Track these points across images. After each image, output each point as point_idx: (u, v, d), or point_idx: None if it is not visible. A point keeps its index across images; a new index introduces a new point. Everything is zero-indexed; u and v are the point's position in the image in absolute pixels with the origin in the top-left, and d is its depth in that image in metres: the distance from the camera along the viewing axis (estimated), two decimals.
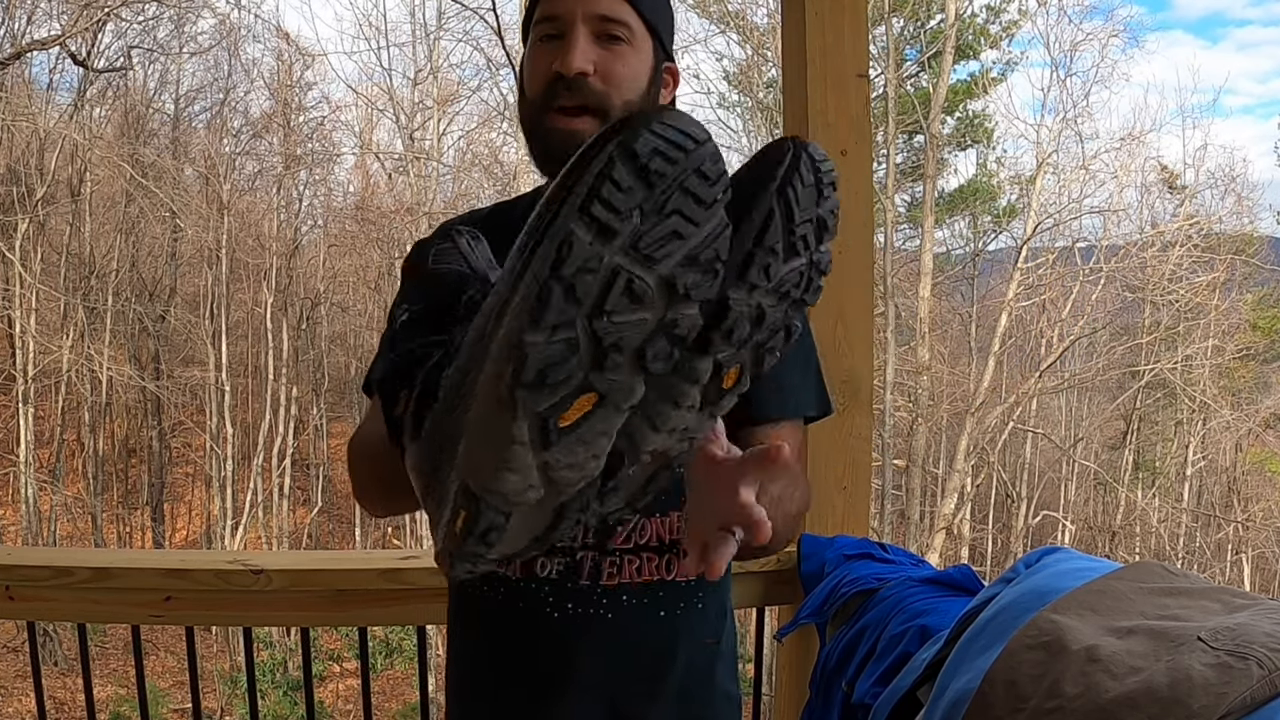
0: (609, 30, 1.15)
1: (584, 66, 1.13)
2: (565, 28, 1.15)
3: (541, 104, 1.15)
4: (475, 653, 1.25)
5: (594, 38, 1.15)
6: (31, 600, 1.73)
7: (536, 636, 1.18)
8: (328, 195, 18.68)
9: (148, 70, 16.99)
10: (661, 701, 1.20)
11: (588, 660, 1.17)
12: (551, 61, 1.14)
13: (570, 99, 1.13)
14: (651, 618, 1.18)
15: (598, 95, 1.14)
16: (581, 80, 1.13)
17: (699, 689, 1.23)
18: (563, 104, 1.14)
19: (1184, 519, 15.87)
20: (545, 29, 1.17)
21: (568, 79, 1.13)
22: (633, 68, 1.17)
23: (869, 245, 1.87)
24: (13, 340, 15.03)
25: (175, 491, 17.13)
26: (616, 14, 1.16)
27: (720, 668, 1.26)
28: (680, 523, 1.17)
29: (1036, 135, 14.73)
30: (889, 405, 13.14)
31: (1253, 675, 0.78)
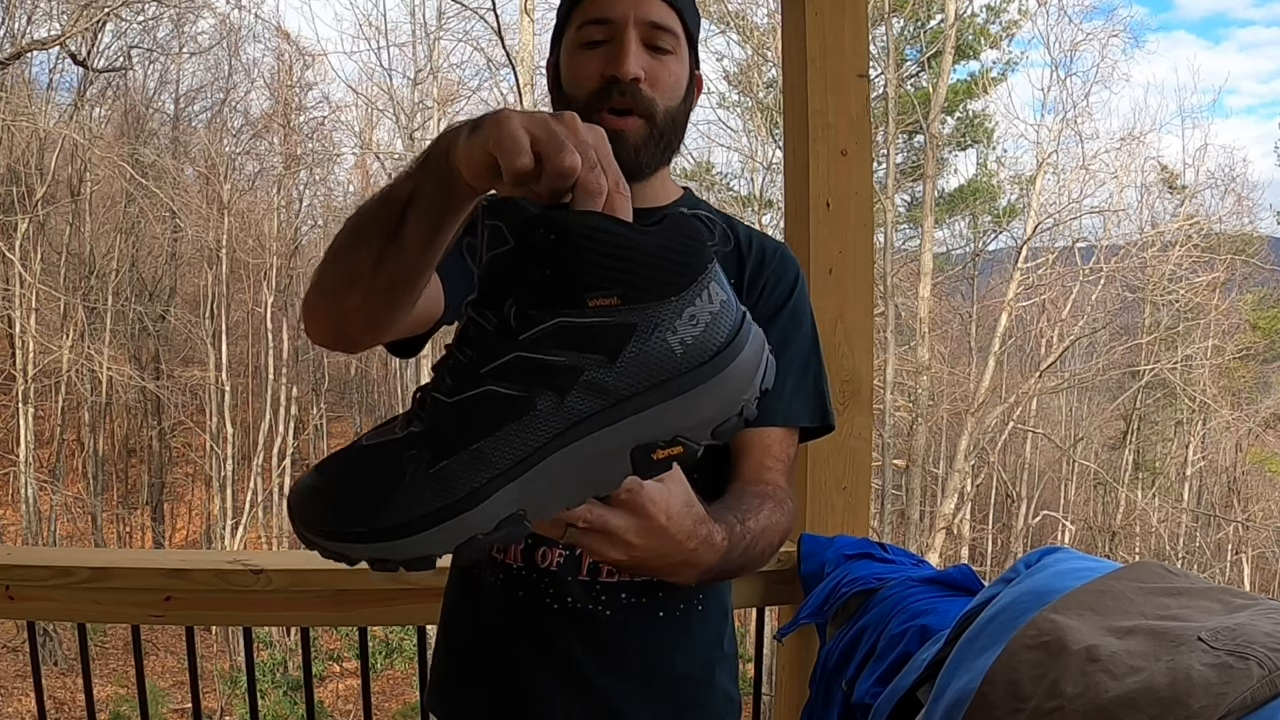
0: (657, 39, 1.17)
1: (638, 72, 1.14)
2: (617, 32, 1.16)
3: (591, 104, 1.16)
4: (471, 640, 1.25)
5: (643, 44, 1.16)
6: (31, 600, 1.73)
7: (535, 627, 1.18)
8: (328, 195, 18.70)
9: (148, 70, 17.02)
10: (659, 701, 1.20)
11: (585, 656, 1.17)
12: (603, 64, 1.15)
13: (622, 102, 1.15)
14: (651, 617, 1.18)
15: (647, 101, 1.16)
16: (635, 85, 1.15)
17: (698, 690, 1.23)
18: (614, 105, 1.15)
19: (1184, 519, 15.87)
20: (593, 32, 1.17)
21: (622, 83, 1.14)
22: (676, 76, 1.19)
23: (869, 245, 1.87)
24: (13, 340, 15.03)
25: (175, 491, 17.14)
26: (665, 21, 1.17)
27: (720, 669, 1.26)
28: None
29: (1036, 135, 14.76)
30: (889, 405, 13.15)
31: (1253, 675, 0.78)
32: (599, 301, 0.64)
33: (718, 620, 1.25)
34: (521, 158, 0.68)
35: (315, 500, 0.67)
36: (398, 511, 0.64)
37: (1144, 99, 39.38)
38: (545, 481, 0.66)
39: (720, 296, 0.68)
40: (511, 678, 1.20)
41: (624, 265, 0.65)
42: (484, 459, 0.65)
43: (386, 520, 0.64)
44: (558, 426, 0.65)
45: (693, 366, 0.67)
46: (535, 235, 0.65)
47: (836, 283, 1.83)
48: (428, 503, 0.64)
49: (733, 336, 0.68)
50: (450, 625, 1.29)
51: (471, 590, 1.25)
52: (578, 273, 0.64)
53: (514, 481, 0.65)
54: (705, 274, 0.67)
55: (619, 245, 0.65)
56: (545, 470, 0.66)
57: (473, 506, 0.65)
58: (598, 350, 0.65)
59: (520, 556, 1.18)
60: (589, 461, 0.67)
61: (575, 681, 1.17)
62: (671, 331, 0.66)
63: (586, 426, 0.66)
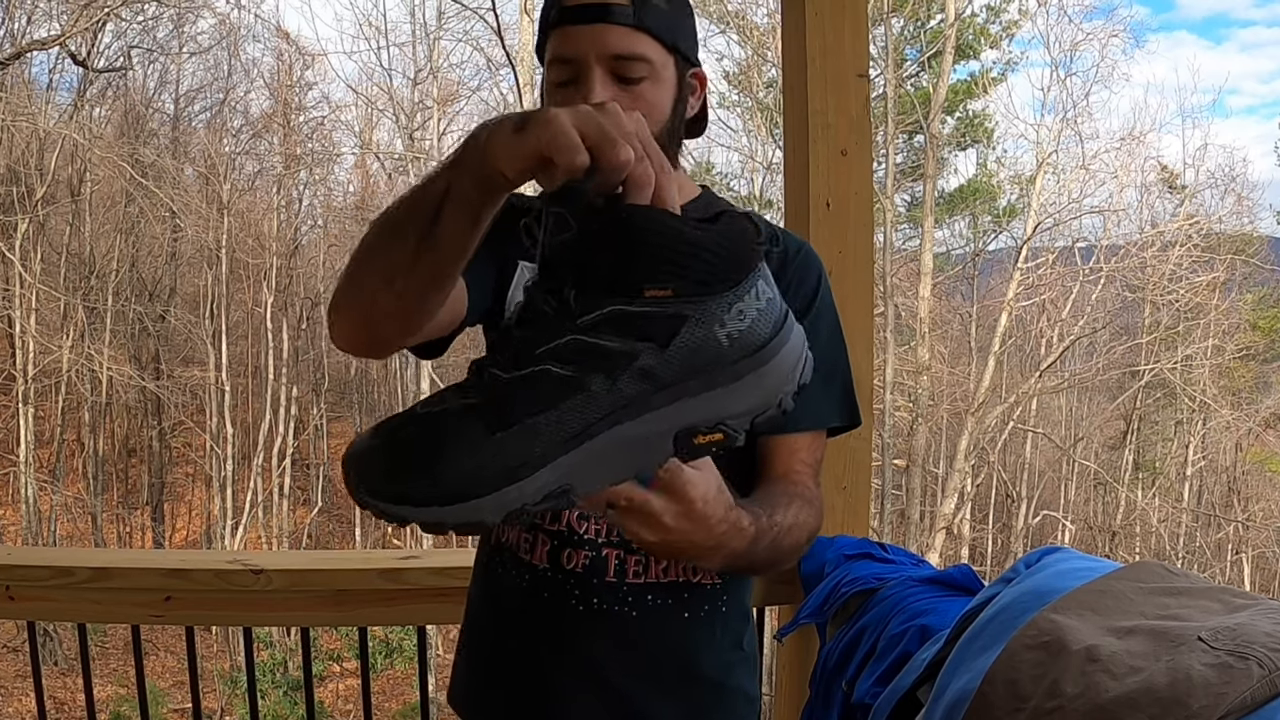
0: (625, 71, 1.11)
1: None
2: (580, 71, 1.10)
3: None
4: (495, 640, 1.25)
5: (612, 78, 1.10)
6: (31, 600, 1.73)
7: (560, 627, 1.18)
8: (328, 195, 18.70)
9: (147, 70, 17.02)
10: (681, 701, 1.21)
11: (610, 656, 1.17)
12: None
13: None
14: (675, 617, 1.19)
15: None
16: None
17: (719, 690, 1.23)
18: None
19: (1184, 519, 15.87)
20: (560, 72, 1.12)
21: None
22: (653, 102, 1.13)
23: (869, 245, 1.87)
24: (13, 340, 15.03)
25: (175, 491, 17.14)
26: (632, 49, 1.11)
27: (742, 669, 1.26)
28: None
29: (1036, 135, 14.76)
30: (889, 405, 13.15)
31: (1253, 675, 0.78)
32: (655, 292, 0.68)
33: (739, 621, 1.26)
34: (579, 156, 0.70)
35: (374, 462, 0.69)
36: (456, 478, 0.67)
37: (1144, 99, 39.42)
38: (593, 459, 0.70)
39: (767, 294, 0.72)
40: (534, 678, 1.20)
41: (681, 260, 0.68)
42: (538, 433, 0.68)
43: (445, 486, 0.67)
44: (608, 407, 0.69)
45: (739, 358, 0.71)
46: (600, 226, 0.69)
47: (836, 283, 1.80)
48: (485, 471, 0.67)
49: (776, 332, 0.73)
50: (473, 625, 1.29)
51: (496, 591, 1.25)
52: (637, 264, 0.68)
53: (564, 456, 0.68)
54: (755, 272, 0.71)
55: (678, 241, 0.68)
56: (594, 448, 0.69)
57: (525, 477, 0.68)
58: (650, 338, 0.69)
59: (546, 558, 1.18)
60: (635, 442, 0.70)
61: (598, 681, 1.18)
62: (720, 325, 0.70)
63: (635, 409, 0.70)
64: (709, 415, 0.71)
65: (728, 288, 0.70)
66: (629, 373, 0.69)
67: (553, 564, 1.18)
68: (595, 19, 1.09)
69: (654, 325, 0.69)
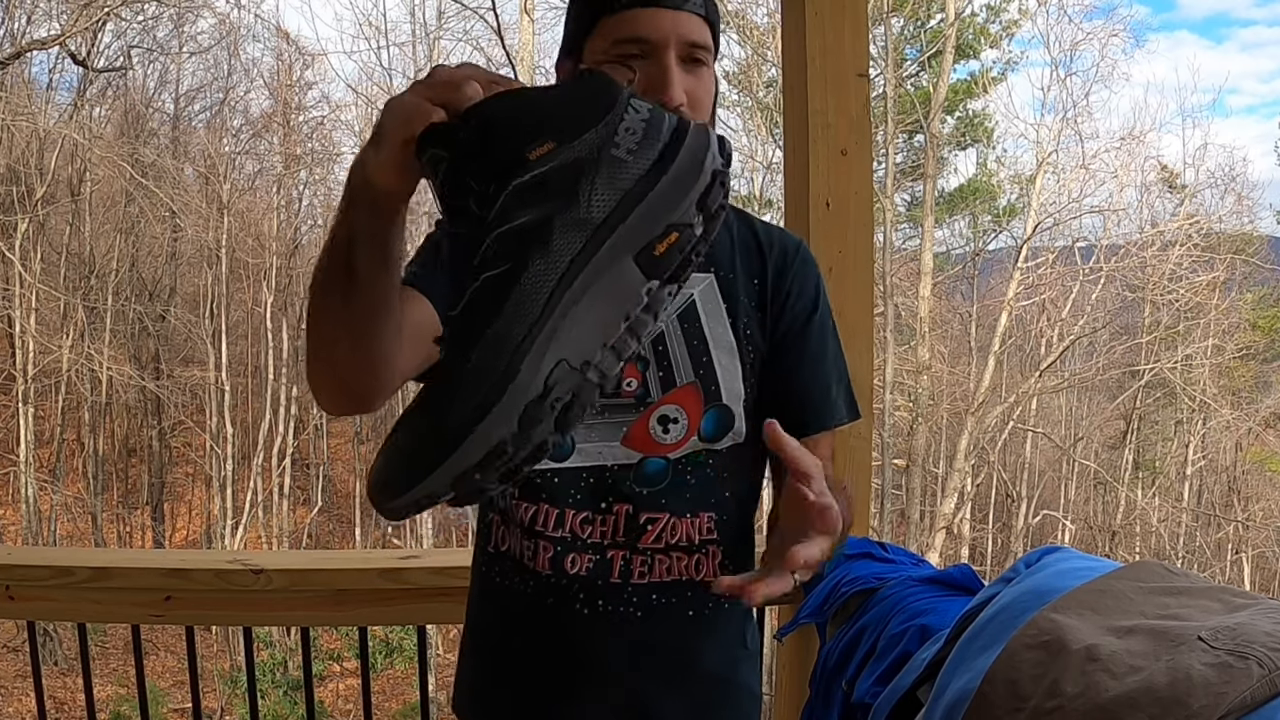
0: (694, 56, 1.15)
1: (683, 99, 1.13)
2: (657, 52, 1.13)
3: None
4: (500, 643, 1.26)
5: (681, 63, 1.14)
6: (31, 600, 1.73)
7: (566, 631, 1.19)
8: (328, 195, 18.67)
9: (147, 70, 17.01)
10: (686, 698, 1.22)
11: (616, 656, 1.19)
12: (643, 85, 1.13)
13: None
14: (680, 616, 1.20)
15: None
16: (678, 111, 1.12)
17: (724, 686, 1.25)
18: None
19: (1184, 519, 15.87)
20: (629, 49, 1.14)
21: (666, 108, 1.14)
22: (709, 88, 1.18)
23: (869, 245, 1.87)
24: (13, 340, 15.02)
25: (175, 491, 17.13)
26: (702, 38, 1.16)
27: (745, 666, 1.28)
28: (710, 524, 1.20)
29: (1036, 135, 14.75)
30: (889, 405, 13.14)
31: (1253, 675, 0.78)
32: (538, 152, 0.70)
33: (741, 618, 1.28)
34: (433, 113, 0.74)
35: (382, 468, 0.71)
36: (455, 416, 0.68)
37: (1144, 98, 39.41)
38: (570, 324, 0.70)
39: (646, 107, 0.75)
40: (541, 677, 1.22)
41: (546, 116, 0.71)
42: (504, 335, 0.69)
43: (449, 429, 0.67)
44: (555, 274, 0.70)
45: (649, 166, 0.72)
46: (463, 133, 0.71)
47: (836, 283, 1.82)
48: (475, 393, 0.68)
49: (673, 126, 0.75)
50: (476, 627, 1.30)
51: (498, 596, 1.25)
52: (510, 141, 0.71)
53: (539, 337, 0.69)
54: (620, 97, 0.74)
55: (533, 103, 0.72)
56: (563, 315, 0.70)
57: (514, 376, 0.68)
58: (558, 195, 0.70)
59: (548, 565, 1.19)
60: (601, 287, 0.71)
61: (605, 681, 1.19)
62: (614, 146, 0.72)
63: (581, 259, 0.70)
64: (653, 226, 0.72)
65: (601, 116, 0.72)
66: (558, 232, 0.70)
67: (555, 570, 1.19)
68: (674, 5, 1.13)
69: (556, 181, 0.70)
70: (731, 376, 1.19)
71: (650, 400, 1.17)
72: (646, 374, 1.18)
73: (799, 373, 1.22)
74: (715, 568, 1.21)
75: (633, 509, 1.17)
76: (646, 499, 1.18)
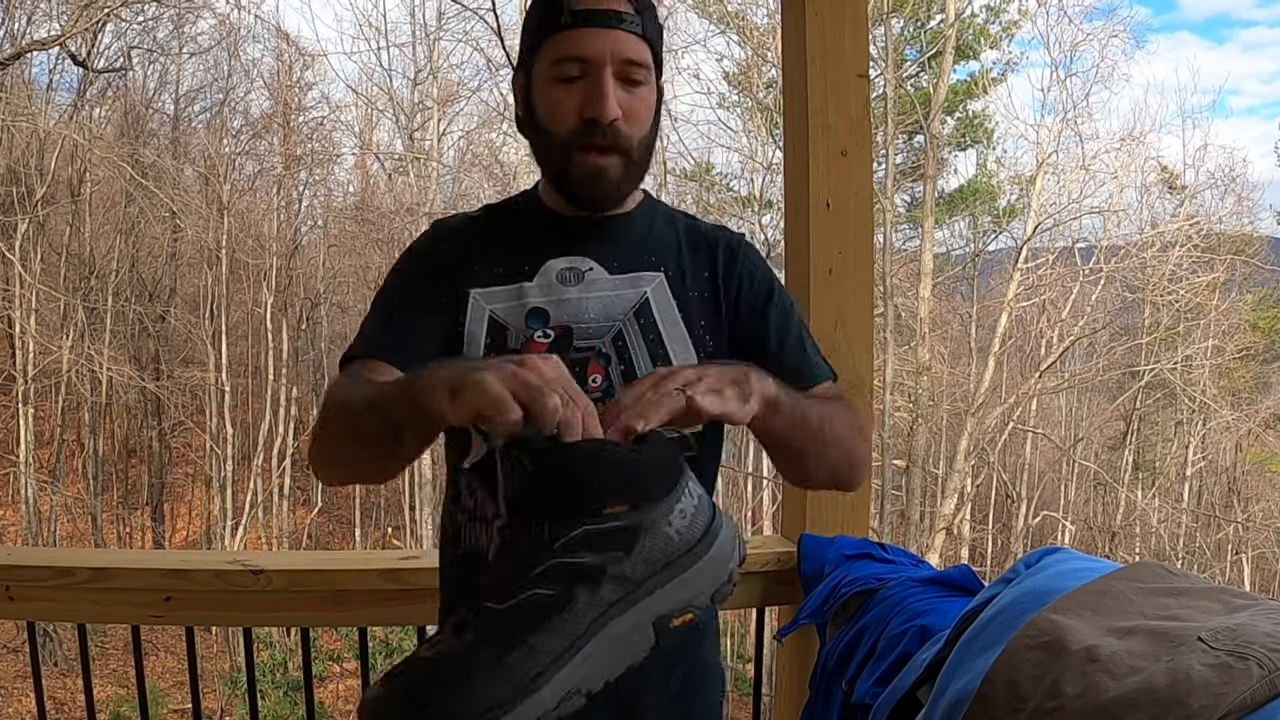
0: (631, 74, 1.21)
1: (617, 114, 1.19)
2: (594, 70, 1.19)
3: (571, 141, 1.22)
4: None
5: (618, 80, 1.20)
6: (31, 600, 1.73)
7: None
8: (328, 195, 18.70)
9: (147, 70, 17.01)
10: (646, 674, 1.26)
11: None
12: (580, 103, 1.20)
13: (602, 141, 1.20)
14: None
15: (625, 137, 1.21)
16: (614, 126, 1.20)
17: (681, 664, 1.31)
18: (593, 144, 1.20)
19: (1184, 519, 15.87)
20: (569, 68, 1.20)
21: (602, 125, 1.19)
22: (648, 105, 1.24)
23: (869, 245, 1.87)
24: (13, 340, 15.02)
25: (175, 491, 17.13)
26: (640, 56, 1.21)
27: (701, 643, 1.34)
28: None
29: (1036, 135, 14.74)
30: (889, 405, 13.14)
31: (1253, 675, 0.78)
32: (613, 509, 0.82)
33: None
34: (512, 414, 0.85)
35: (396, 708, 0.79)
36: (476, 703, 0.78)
37: (1144, 99, 39.38)
38: (590, 661, 0.81)
39: (697, 492, 0.88)
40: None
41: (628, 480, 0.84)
42: (539, 651, 0.80)
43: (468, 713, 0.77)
44: (593, 614, 0.81)
45: (688, 549, 0.85)
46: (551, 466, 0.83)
47: (836, 283, 1.83)
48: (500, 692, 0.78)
49: (711, 520, 0.87)
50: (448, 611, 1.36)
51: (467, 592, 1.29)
52: (593, 491, 0.83)
53: (566, 666, 0.80)
54: (684, 476, 0.87)
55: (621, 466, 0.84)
56: (589, 653, 0.81)
57: (536, 691, 0.79)
58: (617, 548, 0.82)
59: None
60: (621, 639, 0.83)
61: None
62: (668, 524, 0.84)
63: (616, 610, 0.82)
64: (677, 602, 0.85)
65: (666, 494, 0.85)
66: (607, 580, 0.82)
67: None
68: (610, 25, 1.19)
69: (619, 537, 0.82)
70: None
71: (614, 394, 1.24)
72: (610, 369, 1.25)
73: (776, 350, 1.30)
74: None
75: None
76: None
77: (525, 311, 1.26)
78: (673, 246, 1.32)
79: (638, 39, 1.20)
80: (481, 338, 1.27)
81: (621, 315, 1.27)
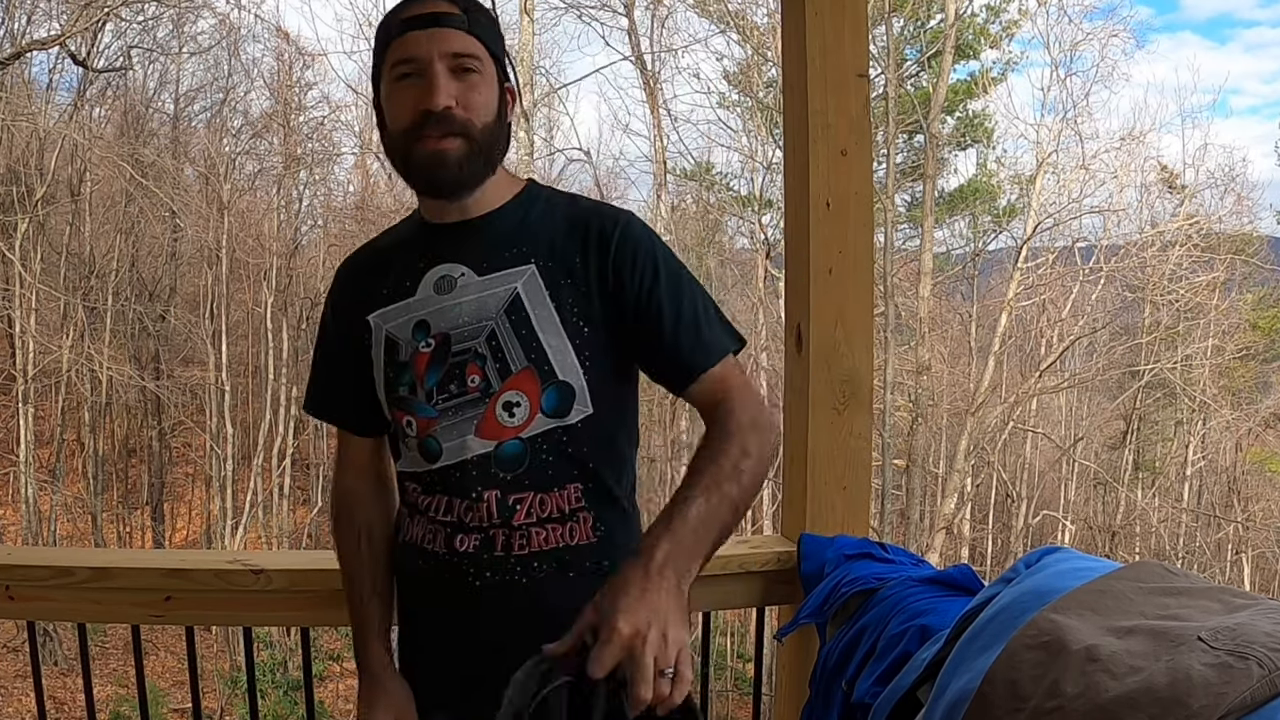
0: (463, 65, 1.29)
1: (448, 102, 1.27)
2: (423, 67, 1.28)
3: (411, 134, 1.29)
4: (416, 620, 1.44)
5: (450, 73, 1.28)
6: (31, 600, 1.73)
7: (462, 603, 1.34)
8: (328, 195, 18.70)
9: (148, 70, 17.01)
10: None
11: (509, 622, 1.32)
12: (417, 99, 1.28)
13: (438, 130, 1.28)
14: (562, 580, 1.33)
15: (461, 123, 1.28)
16: (447, 113, 1.27)
17: None
18: (430, 133, 1.28)
19: (1184, 519, 15.87)
20: (404, 69, 1.29)
21: (435, 113, 1.27)
22: (485, 94, 1.31)
23: (869, 245, 1.86)
24: (13, 340, 15.02)
25: (175, 491, 17.13)
26: (467, 49, 1.29)
27: None
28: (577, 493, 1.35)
29: (1036, 135, 14.73)
30: (889, 405, 13.14)
31: (1253, 675, 0.78)
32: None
33: None
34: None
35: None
36: None
37: (1144, 99, 39.34)
38: None
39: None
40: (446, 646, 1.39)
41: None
42: None
43: None
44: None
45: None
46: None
47: (836, 283, 1.82)
48: None
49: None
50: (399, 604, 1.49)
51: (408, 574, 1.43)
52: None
53: None
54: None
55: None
56: None
57: None
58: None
59: (444, 545, 1.35)
60: None
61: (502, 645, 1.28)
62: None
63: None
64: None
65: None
66: None
67: (448, 549, 1.35)
68: (434, 25, 1.28)
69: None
70: (562, 355, 1.31)
71: (493, 391, 1.31)
72: (485, 369, 1.32)
73: (665, 336, 1.32)
74: (589, 531, 1.34)
75: (500, 493, 1.32)
76: (511, 482, 1.32)
77: (412, 325, 1.36)
78: (545, 235, 1.35)
79: (463, 34, 1.29)
80: (381, 356, 1.39)
81: (494, 314, 1.32)
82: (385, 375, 1.39)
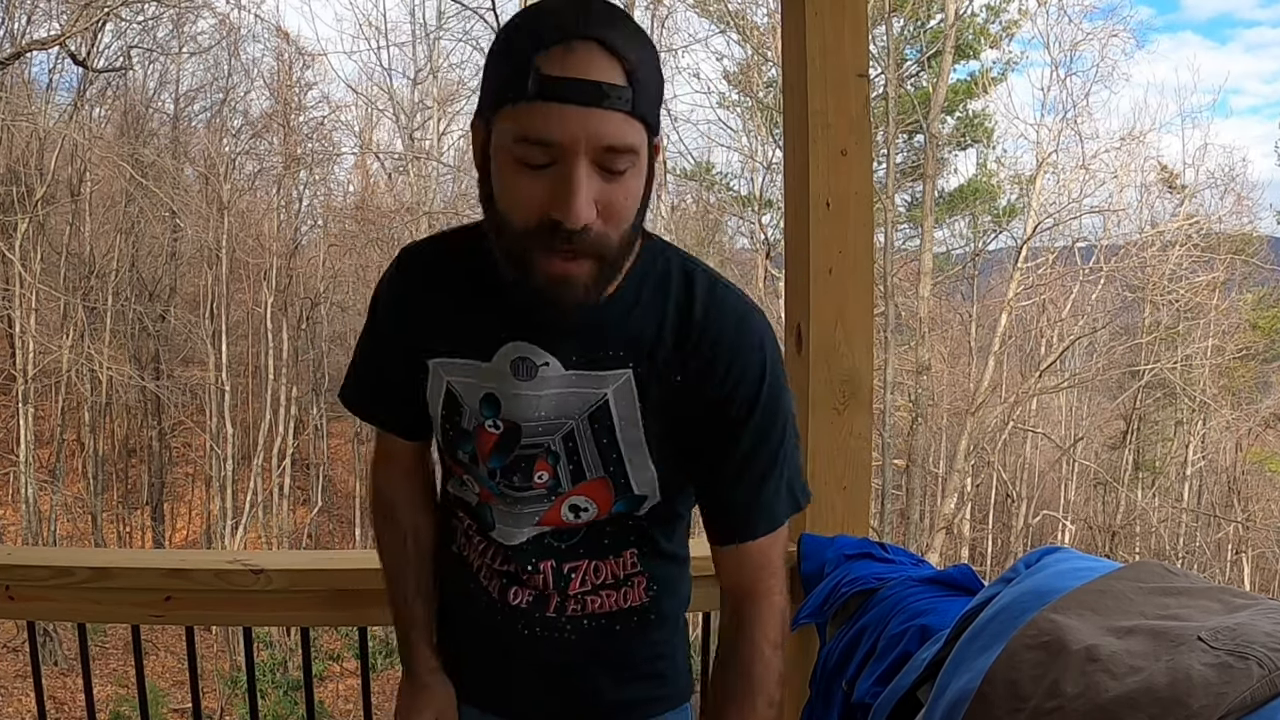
0: (613, 164, 0.99)
1: (590, 218, 0.99)
2: (564, 158, 0.97)
3: (531, 242, 1.01)
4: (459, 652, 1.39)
5: (596, 167, 0.98)
6: (31, 600, 1.73)
7: (511, 647, 1.30)
8: (328, 195, 18.69)
9: (147, 70, 17.00)
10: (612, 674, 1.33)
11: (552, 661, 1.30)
12: (545, 198, 0.99)
13: (567, 247, 1.00)
14: (608, 633, 1.29)
15: (596, 241, 1.01)
16: (584, 231, 0.99)
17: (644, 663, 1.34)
18: (557, 250, 1.01)
19: (1184, 519, 15.87)
20: (535, 154, 0.98)
21: (567, 230, 0.99)
22: (633, 194, 1.03)
23: (869, 245, 1.86)
24: (13, 340, 15.02)
25: (175, 491, 17.13)
26: (624, 140, 0.98)
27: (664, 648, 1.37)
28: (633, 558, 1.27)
29: (1036, 135, 14.74)
30: (889, 405, 13.14)
31: (1253, 675, 0.78)
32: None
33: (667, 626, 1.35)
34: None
35: None
36: None
37: (1144, 99, 39.32)
38: None
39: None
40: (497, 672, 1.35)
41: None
42: None
43: None
44: None
45: None
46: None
47: (836, 282, 1.82)
48: None
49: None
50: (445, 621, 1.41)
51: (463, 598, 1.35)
52: None
53: None
54: None
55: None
56: None
57: None
58: None
59: (498, 592, 1.29)
60: None
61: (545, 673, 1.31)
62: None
63: None
64: None
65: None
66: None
67: (501, 597, 1.29)
68: (590, 102, 0.96)
69: None
70: (641, 470, 1.18)
71: (561, 490, 1.20)
72: (557, 468, 1.18)
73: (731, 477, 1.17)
74: (642, 593, 1.29)
75: (555, 562, 1.25)
76: (566, 552, 1.24)
77: (480, 395, 1.17)
78: (649, 339, 1.13)
79: (625, 117, 0.97)
80: (439, 406, 1.21)
81: (576, 414, 1.15)
82: (443, 429, 1.23)
